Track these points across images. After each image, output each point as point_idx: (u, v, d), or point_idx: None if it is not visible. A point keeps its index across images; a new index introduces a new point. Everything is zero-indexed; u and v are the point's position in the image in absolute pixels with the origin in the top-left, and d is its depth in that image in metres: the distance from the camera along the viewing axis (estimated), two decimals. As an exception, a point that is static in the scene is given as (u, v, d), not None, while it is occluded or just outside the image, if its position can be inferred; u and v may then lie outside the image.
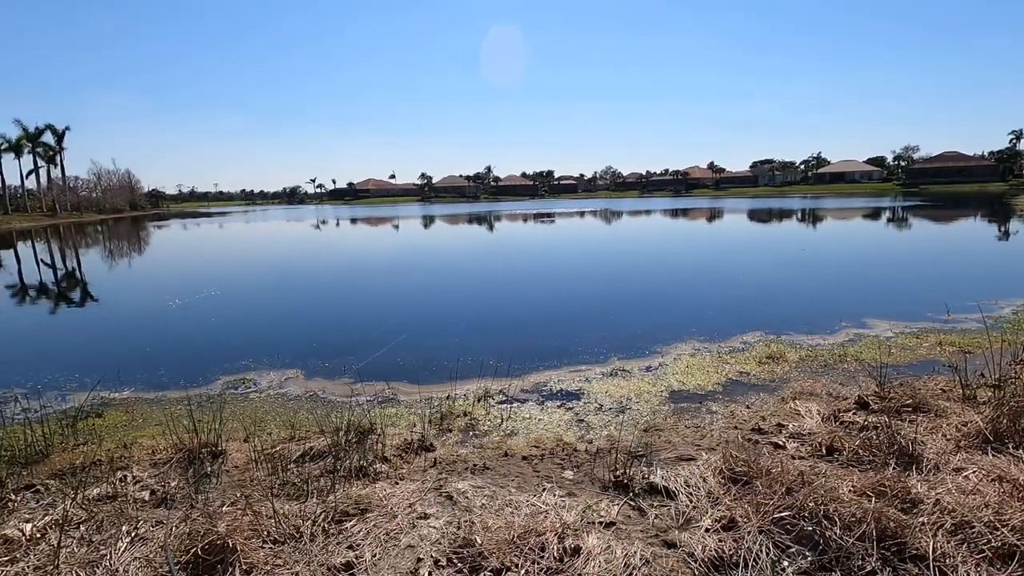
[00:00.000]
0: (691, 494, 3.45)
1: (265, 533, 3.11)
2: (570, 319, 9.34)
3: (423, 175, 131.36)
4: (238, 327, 9.63)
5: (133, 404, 5.82)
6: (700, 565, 2.77)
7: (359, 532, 3.18)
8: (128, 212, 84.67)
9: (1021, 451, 3.55)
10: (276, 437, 4.75)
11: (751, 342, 7.27)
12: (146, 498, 3.73)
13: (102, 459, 4.33)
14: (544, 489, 3.68)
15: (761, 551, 2.76)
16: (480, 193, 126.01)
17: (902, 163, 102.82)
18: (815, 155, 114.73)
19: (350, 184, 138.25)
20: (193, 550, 2.87)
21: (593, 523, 3.20)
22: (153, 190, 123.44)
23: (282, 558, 2.93)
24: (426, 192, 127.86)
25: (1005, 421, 3.82)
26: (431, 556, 2.94)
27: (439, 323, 9.44)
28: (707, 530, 3.02)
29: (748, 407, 5.12)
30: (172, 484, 3.90)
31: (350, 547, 3.04)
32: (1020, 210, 34.27)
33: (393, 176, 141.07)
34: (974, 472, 3.32)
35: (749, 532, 2.90)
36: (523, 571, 2.73)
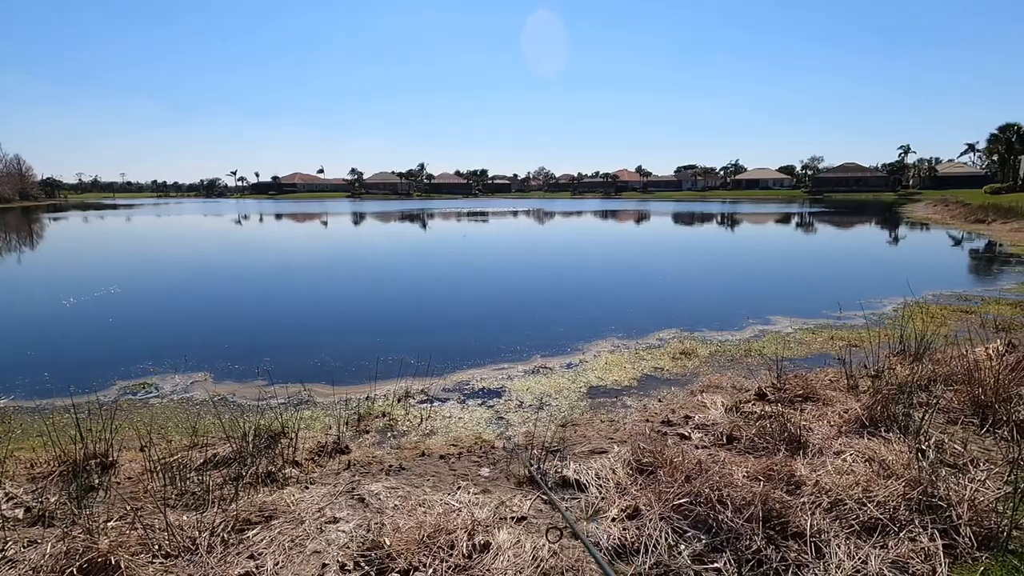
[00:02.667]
0: (601, 486, 3.56)
1: (156, 547, 2.91)
2: (496, 318, 9.39)
3: (353, 170, 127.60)
4: (140, 328, 8.95)
5: (11, 414, 5.27)
6: (604, 554, 2.87)
7: (262, 540, 3.05)
8: (18, 202, 76.54)
9: (891, 434, 3.93)
10: (177, 445, 4.45)
11: (667, 339, 7.61)
12: (20, 516, 3.39)
13: (-32, 476, 3.89)
14: (459, 487, 3.68)
15: (661, 537, 2.90)
16: (413, 190, 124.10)
17: (809, 172, 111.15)
18: (733, 162, 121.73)
19: (275, 178, 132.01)
20: (69, 570, 2.64)
21: (505, 519, 3.23)
22: (48, 179, 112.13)
23: (174, 572, 2.75)
24: (356, 188, 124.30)
25: (879, 408, 4.22)
26: (337, 560, 2.87)
27: (361, 322, 9.22)
28: (613, 519, 3.13)
29: (660, 400, 5.36)
30: (52, 500, 3.57)
31: (251, 556, 2.90)
32: (907, 217, 37.98)
33: (321, 171, 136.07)
34: (850, 454, 3.65)
35: (651, 520, 3.03)
36: (431, 570, 2.72)
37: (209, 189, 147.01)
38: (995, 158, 65.75)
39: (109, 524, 3.16)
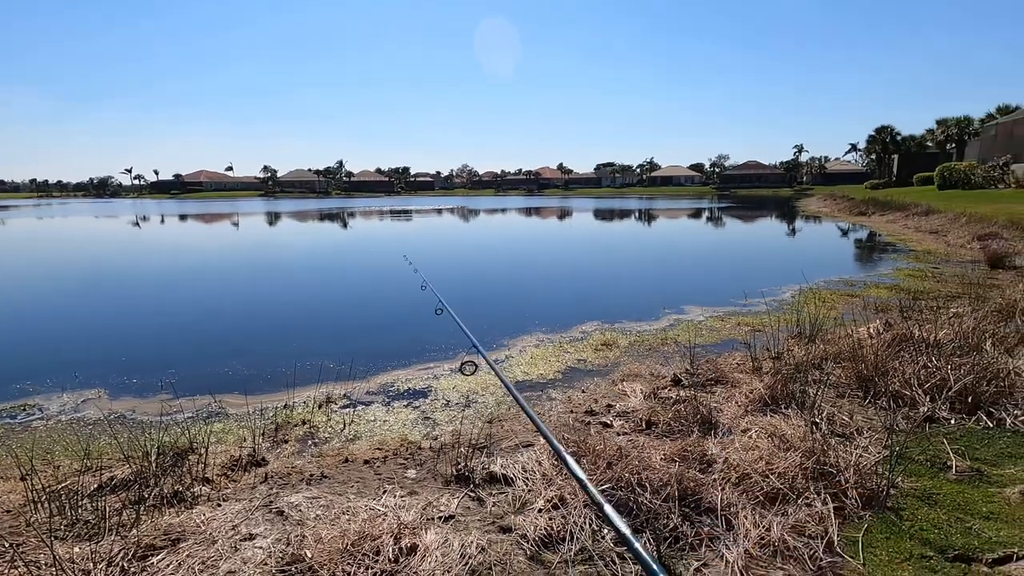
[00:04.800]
0: (527, 479, 3.61)
1: (42, 585, 2.62)
2: (420, 318, 9.26)
3: (266, 168, 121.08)
4: (17, 344, 8.02)
5: None
6: (531, 545, 2.91)
7: (168, 565, 2.83)
8: None
9: (789, 410, 4.27)
10: (66, 470, 4.04)
11: (589, 331, 7.84)
12: None
13: None
14: (384, 491, 3.60)
15: (584, 524, 2.98)
16: (331, 189, 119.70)
17: (716, 169, 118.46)
18: (648, 160, 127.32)
19: (177, 176, 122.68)
20: (-68, 621, 2.32)
21: (432, 519, 3.20)
22: None
23: (64, 611, 2.49)
24: (270, 187, 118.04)
25: (779, 386, 4.57)
26: (254, 579, 2.72)
27: (275, 327, 8.78)
28: (539, 511, 3.19)
29: (583, 391, 5.51)
30: (-91, 544, 3.12)
31: (155, 584, 2.69)
32: (802, 211, 41.40)
33: (230, 168, 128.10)
34: (755, 431, 3.93)
35: (575, 508, 3.11)
36: (356, 579, 2.64)
37: (100, 188, 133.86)
38: (873, 157, 73.17)
39: (-17, 565, 2.81)
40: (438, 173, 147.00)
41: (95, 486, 3.70)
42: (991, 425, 4.08)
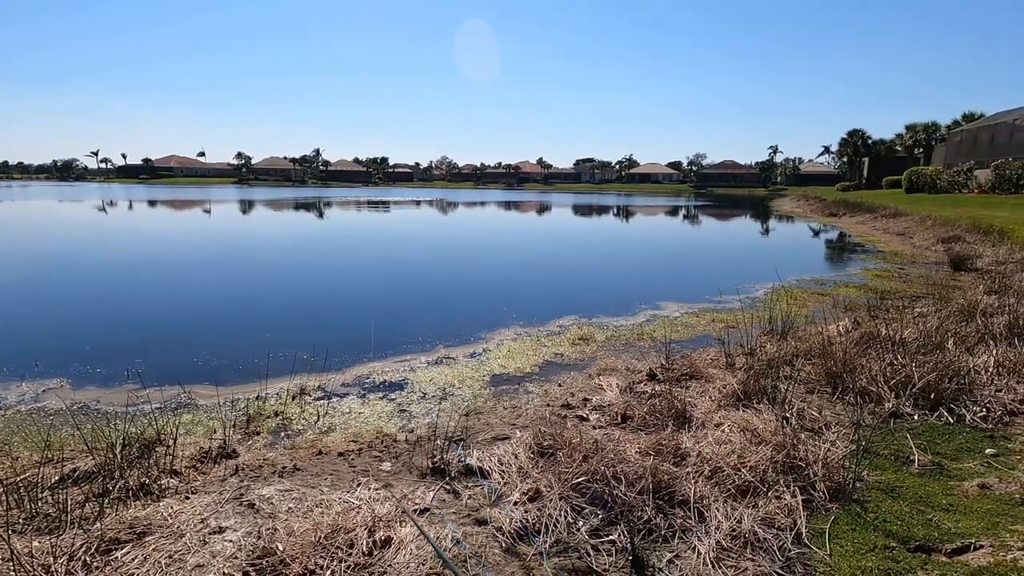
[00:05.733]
0: (503, 471, 3.61)
1: (-2, 580, 2.53)
2: (397, 309, 9.18)
3: (240, 154, 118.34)
4: (-23, 330, 7.70)
5: None
6: (507, 537, 2.91)
7: (134, 560, 2.75)
8: None
9: (761, 405, 4.36)
10: (25, 462, 3.89)
11: (566, 325, 7.87)
12: None
13: None
14: (359, 484, 3.56)
15: (560, 516, 3.00)
16: (307, 177, 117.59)
17: (694, 168, 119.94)
18: (627, 157, 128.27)
19: (146, 160, 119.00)
20: None
21: (407, 512, 3.18)
22: None
23: (21, 607, 2.41)
24: (244, 174, 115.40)
25: (752, 382, 4.66)
26: (223, 573, 2.66)
27: (249, 317, 8.61)
28: (515, 503, 3.19)
29: (560, 385, 5.53)
30: None
31: (120, 579, 2.61)
32: (776, 211, 42.20)
33: (203, 154, 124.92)
34: (728, 425, 3.99)
35: (551, 500, 3.12)
36: (328, 572, 2.61)
37: (64, 171, 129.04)
38: (845, 159, 74.96)
39: (-66, 560, 2.69)
40: (417, 165, 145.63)
41: (56, 478, 3.58)
42: (952, 421, 4.23)
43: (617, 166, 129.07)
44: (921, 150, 59.02)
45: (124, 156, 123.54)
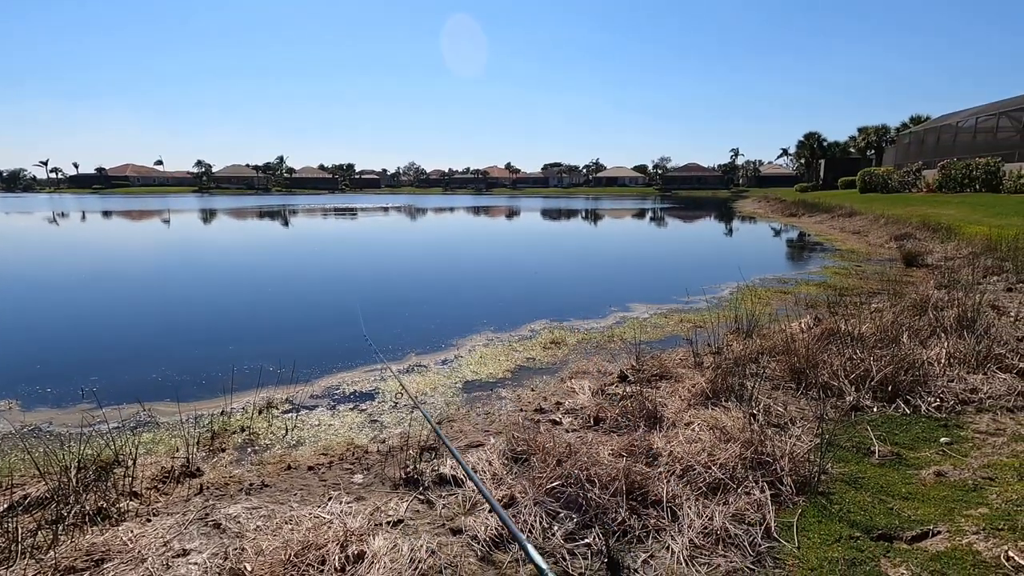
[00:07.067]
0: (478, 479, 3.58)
1: (-59, 618, 2.38)
2: (367, 317, 9.05)
3: (200, 162, 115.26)
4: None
5: None
6: (482, 546, 2.89)
7: (91, 589, 2.63)
8: None
9: (729, 403, 4.45)
10: (-29, 490, 3.68)
11: (537, 330, 7.89)
12: None
13: None
14: (330, 498, 3.48)
15: (535, 521, 2.99)
16: (271, 185, 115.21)
17: (659, 171, 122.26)
18: (594, 161, 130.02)
19: (100, 169, 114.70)
20: None
21: (381, 524, 3.13)
22: None
23: (-32, 646, 2.27)
24: (204, 182, 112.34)
25: (720, 380, 4.75)
26: (188, 597, 2.56)
27: (210, 329, 8.35)
28: (490, 511, 3.17)
29: (533, 390, 5.54)
30: None
31: (76, 610, 2.49)
32: (738, 212, 43.29)
33: (160, 162, 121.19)
34: (698, 424, 4.06)
35: (526, 506, 3.12)
36: (299, 591, 2.54)
37: (11, 182, 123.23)
38: (802, 161, 77.56)
39: None
40: (384, 171, 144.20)
41: (5, 506, 3.39)
42: (908, 411, 4.40)
43: (584, 170, 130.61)
44: (873, 151, 61.54)
45: (76, 165, 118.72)
